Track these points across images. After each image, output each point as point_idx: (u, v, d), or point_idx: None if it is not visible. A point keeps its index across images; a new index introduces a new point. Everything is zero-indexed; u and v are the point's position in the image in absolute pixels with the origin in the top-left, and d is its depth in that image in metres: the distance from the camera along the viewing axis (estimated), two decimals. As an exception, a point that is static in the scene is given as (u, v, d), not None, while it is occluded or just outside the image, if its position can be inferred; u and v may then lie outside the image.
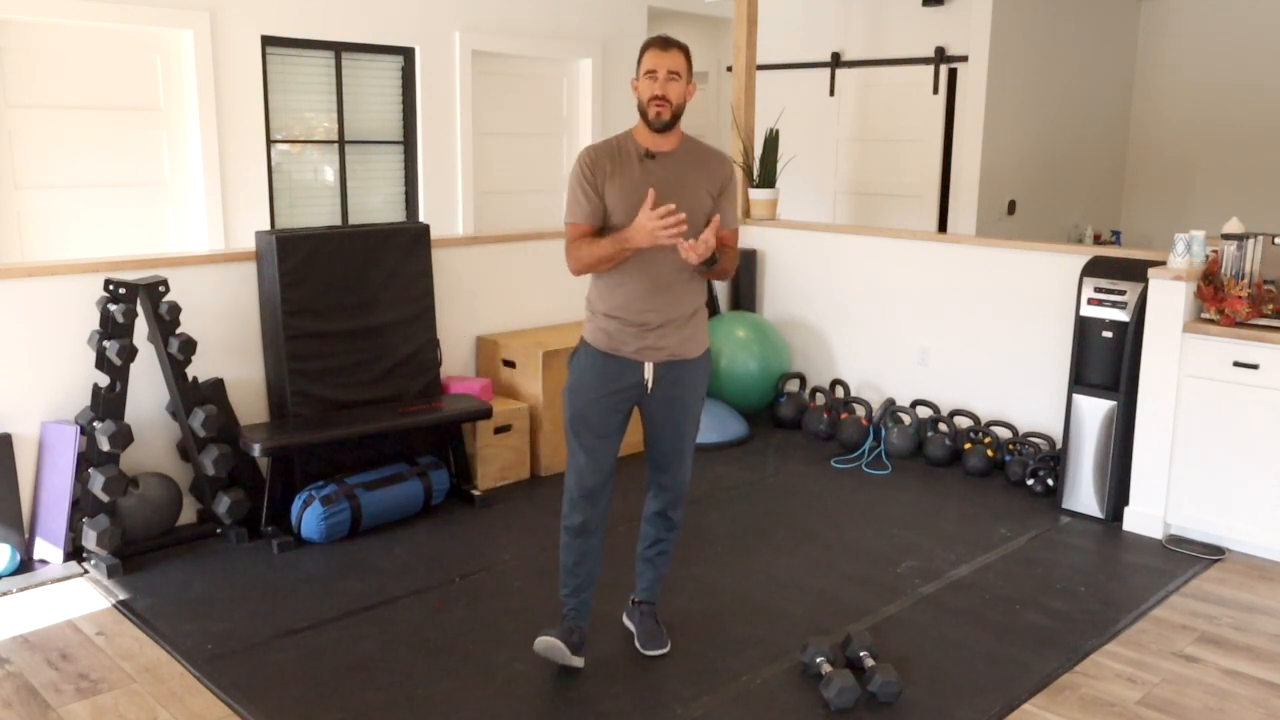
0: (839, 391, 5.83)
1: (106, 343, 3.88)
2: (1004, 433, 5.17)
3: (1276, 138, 7.67)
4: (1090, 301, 4.48)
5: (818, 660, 3.12)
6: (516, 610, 3.57)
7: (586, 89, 7.23)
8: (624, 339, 3.06)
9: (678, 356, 3.09)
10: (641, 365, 3.07)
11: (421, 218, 6.40)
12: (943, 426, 5.31)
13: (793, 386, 6.03)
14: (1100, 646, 3.37)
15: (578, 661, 3.15)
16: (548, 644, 3.11)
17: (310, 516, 4.08)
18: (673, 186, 3.00)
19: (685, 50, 3.02)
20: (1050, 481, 4.72)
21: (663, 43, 3.00)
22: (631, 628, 3.38)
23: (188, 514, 4.26)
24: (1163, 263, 4.32)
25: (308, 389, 4.36)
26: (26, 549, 3.90)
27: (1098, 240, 7.80)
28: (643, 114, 3.01)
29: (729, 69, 8.27)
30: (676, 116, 3.00)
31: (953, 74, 7.22)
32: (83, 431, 3.91)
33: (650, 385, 3.09)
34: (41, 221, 5.15)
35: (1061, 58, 7.55)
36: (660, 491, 3.24)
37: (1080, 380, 4.52)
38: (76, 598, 3.65)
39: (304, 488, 4.19)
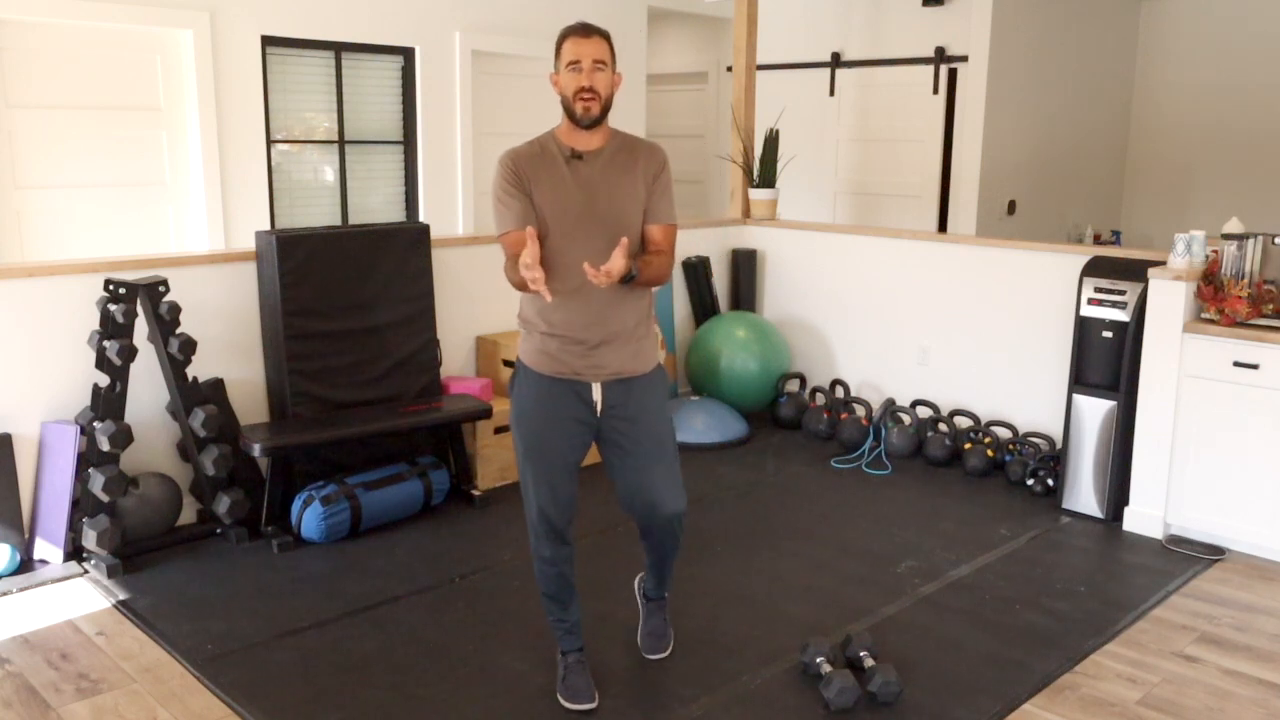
0: (839, 391, 5.84)
1: (106, 343, 3.88)
2: (1004, 433, 5.17)
3: (1276, 138, 7.67)
4: (1090, 301, 4.48)
5: (818, 660, 3.12)
6: (516, 610, 3.57)
7: (586, 89, 7.21)
8: (567, 359, 2.83)
9: (625, 374, 2.87)
10: (589, 386, 2.85)
11: (421, 218, 6.41)
12: (943, 426, 5.31)
13: (793, 386, 6.03)
14: (1100, 646, 3.37)
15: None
16: (571, 697, 3.00)
17: (310, 516, 4.08)
18: (602, 187, 2.81)
19: (608, 37, 2.78)
20: (1050, 481, 4.72)
21: (584, 29, 2.76)
22: (640, 606, 3.32)
23: (188, 514, 4.26)
24: (1163, 263, 4.32)
25: (308, 389, 4.36)
26: (26, 549, 3.90)
27: (1098, 240, 7.80)
28: (568, 110, 2.78)
29: (729, 69, 8.28)
30: (605, 110, 2.78)
31: (953, 74, 7.23)
32: (83, 431, 3.91)
33: (600, 407, 2.87)
34: (41, 221, 5.15)
35: (1061, 58, 7.56)
36: (643, 525, 3.01)
37: (1080, 380, 4.52)
38: (76, 598, 3.65)
39: (304, 488, 4.19)
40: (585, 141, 2.83)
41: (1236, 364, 4.02)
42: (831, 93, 7.86)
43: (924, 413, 5.47)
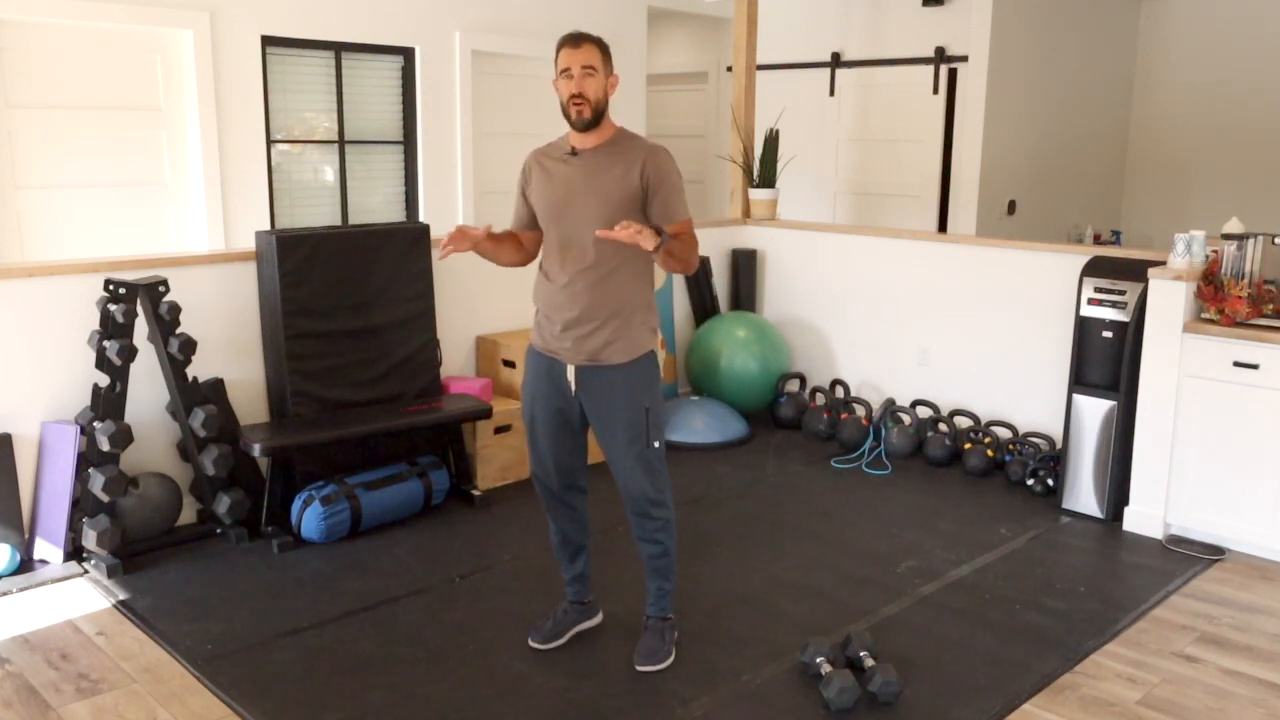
0: (839, 391, 5.84)
1: (106, 343, 3.88)
2: (1004, 433, 5.17)
3: (1276, 138, 7.67)
4: (1090, 301, 4.49)
5: (818, 660, 3.12)
6: (516, 610, 3.57)
7: (586, 89, 7.21)
8: (549, 338, 3.08)
9: (596, 361, 3.02)
10: (565, 367, 3.06)
11: (421, 218, 6.41)
12: (943, 426, 5.31)
13: (793, 386, 6.03)
14: (1100, 646, 3.37)
15: (594, 620, 3.40)
16: (530, 632, 3.33)
17: (310, 516, 4.08)
18: (582, 183, 2.99)
19: (599, 43, 2.97)
20: (1050, 481, 4.72)
21: (574, 39, 2.96)
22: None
23: (188, 514, 4.26)
24: (1163, 263, 4.32)
25: (308, 389, 4.36)
26: (26, 549, 3.90)
27: (1098, 240, 7.80)
28: (564, 114, 2.98)
29: (729, 69, 8.27)
30: (598, 113, 2.96)
31: (953, 74, 7.22)
32: (83, 431, 3.91)
33: (573, 388, 3.06)
34: (41, 221, 5.15)
35: (1061, 58, 7.56)
36: (622, 496, 3.16)
37: (1080, 380, 4.52)
38: (76, 598, 3.65)
39: (304, 488, 4.19)
40: (583, 141, 3.03)
41: (1236, 364, 4.02)
42: (831, 93, 7.86)
43: (924, 413, 5.47)
